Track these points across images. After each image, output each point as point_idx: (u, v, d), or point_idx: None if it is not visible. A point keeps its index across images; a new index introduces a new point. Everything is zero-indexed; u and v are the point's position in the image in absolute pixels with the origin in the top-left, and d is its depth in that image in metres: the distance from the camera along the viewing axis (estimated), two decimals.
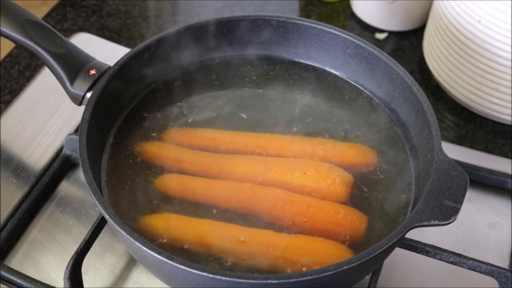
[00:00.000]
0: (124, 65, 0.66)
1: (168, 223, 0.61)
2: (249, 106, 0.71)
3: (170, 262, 0.52)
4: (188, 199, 0.63)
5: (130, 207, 0.62)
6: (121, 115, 0.69)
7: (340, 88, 0.72)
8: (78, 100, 0.65)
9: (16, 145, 0.79)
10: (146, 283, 0.68)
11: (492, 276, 0.64)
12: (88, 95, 0.64)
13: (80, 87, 0.65)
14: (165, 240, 0.59)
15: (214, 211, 0.62)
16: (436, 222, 0.55)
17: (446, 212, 0.55)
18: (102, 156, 0.65)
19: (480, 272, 0.64)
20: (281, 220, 0.61)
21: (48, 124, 0.82)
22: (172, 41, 0.70)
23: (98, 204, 0.55)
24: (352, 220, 0.61)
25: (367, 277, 0.65)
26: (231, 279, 0.51)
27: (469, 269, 0.64)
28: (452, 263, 0.64)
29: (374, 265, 0.62)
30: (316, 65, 0.74)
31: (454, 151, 0.79)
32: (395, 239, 0.53)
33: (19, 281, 0.66)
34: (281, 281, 0.51)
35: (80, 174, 0.77)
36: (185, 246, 0.59)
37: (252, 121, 0.69)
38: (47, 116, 0.83)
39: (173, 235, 0.60)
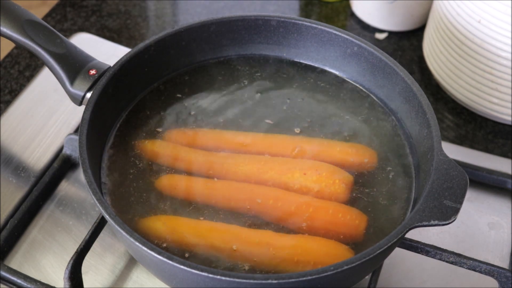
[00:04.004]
0: (124, 65, 0.66)
1: (167, 224, 0.61)
2: (249, 106, 0.71)
3: (170, 262, 0.52)
4: (188, 199, 0.63)
5: (130, 207, 0.62)
6: (121, 115, 0.69)
7: (340, 88, 0.72)
8: (78, 100, 0.65)
9: (16, 145, 0.79)
10: (146, 283, 0.68)
11: (492, 276, 0.64)
12: (88, 95, 0.64)
13: (80, 87, 0.65)
14: (165, 240, 0.59)
15: (214, 211, 0.62)
16: (436, 222, 0.55)
17: (446, 212, 0.55)
18: (102, 156, 0.65)
19: (480, 272, 0.64)
20: (281, 220, 0.61)
21: (48, 124, 0.82)
22: (172, 41, 0.70)
23: (98, 204, 0.55)
24: (352, 220, 0.61)
25: (367, 277, 0.65)
26: (231, 279, 0.51)
27: (469, 269, 0.64)
28: (452, 263, 0.64)
29: (374, 265, 0.62)
30: (316, 65, 0.74)
31: (454, 151, 0.79)
32: (395, 239, 0.53)
33: (19, 281, 0.66)
34: (281, 281, 0.51)
35: (80, 174, 0.76)
36: (184, 246, 0.59)
37: (252, 121, 0.69)
38: (47, 116, 0.83)
39: (172, 236, 0.60)
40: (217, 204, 0.62)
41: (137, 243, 0.53)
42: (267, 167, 0.64)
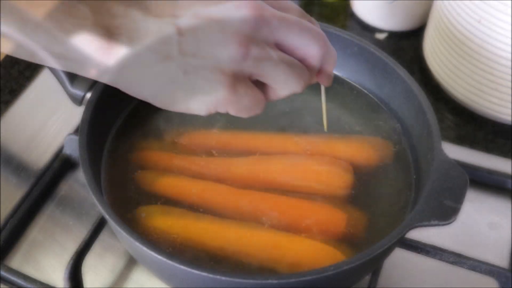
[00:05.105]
0: None
1: (168, 224, 0.61)
2: None
3: (170, 262, 0.52)
4: (188, 200, 0.63)
5: (130, 207, 0.62)
6: (121, 115, 0.69)
7: (340, 88, 0.72)
8: (78, 100, 0.65)
9: (16, 145, 0.79)
10: (146, 283, 0.68)
11: (492, 276, 0.64)
12: (88, 95, 0.64)
13: (80, 87, 0.65)
14: (165, 240, 0.59)
15: (214, 212, 0.62)
16: (436, 222, 0.55)
17: (446, 212, 0.55)
18: (102, 156, 0.65)
19: (480, 272, 0.64)
20: (281, 220, 0.61)
21: (48, 124, 0.82)
22: None
23: (98, 204, 0.55)
24: (352, 220, 0.61)
25: (367, 277, 0.65)
26: (231, 279, 0.51)
27: (469, 269, 0.64)
28: (452, 263, 0.64)
29: (374, 265, 0.62)
30: None
31: (454, 151, 0.79)
32: (395, 239, 0.53)
33: (19, 281, 0.66)
34: (281, 281, 0.51)
35: (80, 174, 0.76)
36: (184, 247, 0.59)
37: (252, 121, 0.69)
38: (47, 116, 0.83)
39: (172, 236, 0.60)
40: (217, 205, 0.62)
41: (137, 243, 0.53)
42: (267, 167, 0.64)
